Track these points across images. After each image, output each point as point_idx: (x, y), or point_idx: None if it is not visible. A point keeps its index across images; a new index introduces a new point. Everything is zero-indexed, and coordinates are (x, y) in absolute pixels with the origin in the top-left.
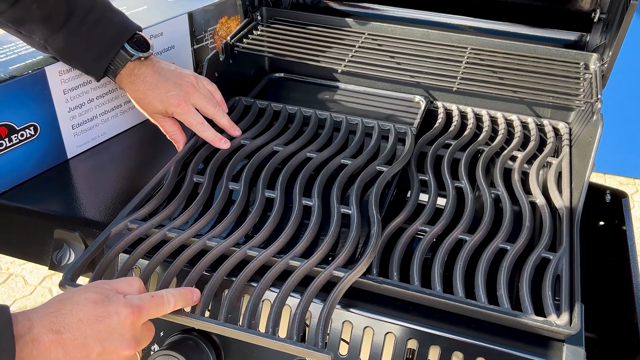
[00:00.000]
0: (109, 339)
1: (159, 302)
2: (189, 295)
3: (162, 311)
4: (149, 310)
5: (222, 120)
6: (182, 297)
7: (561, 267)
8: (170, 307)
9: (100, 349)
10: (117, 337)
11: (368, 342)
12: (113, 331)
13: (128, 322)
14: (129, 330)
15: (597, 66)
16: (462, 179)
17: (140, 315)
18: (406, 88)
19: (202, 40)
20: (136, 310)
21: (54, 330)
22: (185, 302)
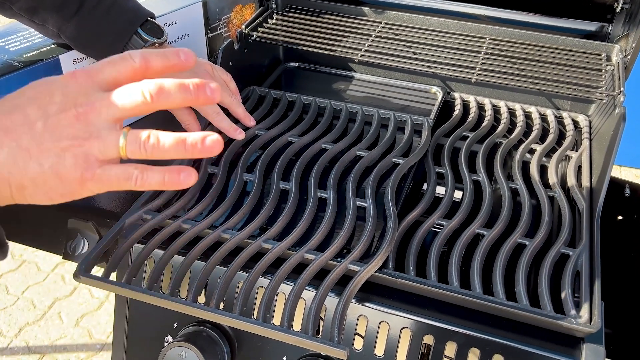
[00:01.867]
0: (51, 101)
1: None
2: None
3: (123, 66)
4: (101, 66)
5: (238, 110)
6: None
7: (581, 263)
8: (137, 61)
9: (40, 113)
10: (60, 97)
11: (383, 337)
12: (54, 93)
13: (71, 80)
14: (74, 88)
15: (620, 58)
16: (479, 172)
17: (88, 72)
18: (423, 79)
19: (217, 29)
20: (81, 69)
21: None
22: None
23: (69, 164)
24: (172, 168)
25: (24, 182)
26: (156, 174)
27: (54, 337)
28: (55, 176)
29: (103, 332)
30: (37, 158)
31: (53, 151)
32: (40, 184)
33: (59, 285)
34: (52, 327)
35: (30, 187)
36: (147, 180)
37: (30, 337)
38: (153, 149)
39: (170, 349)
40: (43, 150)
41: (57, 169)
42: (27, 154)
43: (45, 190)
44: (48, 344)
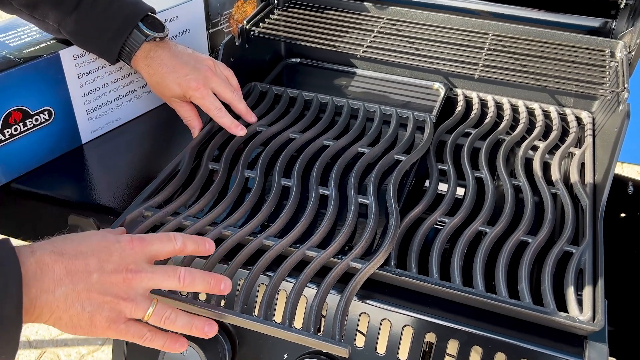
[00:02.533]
0: (109, 259)
1: (165, 237)
2: (202, 241)
3: (168, 246)
4: (152, 241)
5: (240, 106)
6: (192, 241)
7: (584, 261)
8: (178, 244)
9: (98, 266)
10: (117, 258)
11: (385, 335)
12: (113, 252)
13: (128, 246)
14: (129, 254)
15: (624, 54)
16: (482, 168)
17: (142, 243)
18: (425, 75)
19: (218, 24)
20: (137, 238)
21: (55, 252)
22: (196, 246)
23: (104, 315)
24: (172, 336)
25: (63, 316)
26: (160, 339)
27: (55, 332)
28: (89, 320)
29: None
30: (82, 302)
31: (96, 301)
32: (74, 321)
33: None
34: None
35: (65, 320)
36: (152, 342)
37: (31, 332)
38: (168, 325)
39: None
40: (90, 298)
41: (92, 316)
42: (77, 296)
43: (74, 326)
44: (49, 340)
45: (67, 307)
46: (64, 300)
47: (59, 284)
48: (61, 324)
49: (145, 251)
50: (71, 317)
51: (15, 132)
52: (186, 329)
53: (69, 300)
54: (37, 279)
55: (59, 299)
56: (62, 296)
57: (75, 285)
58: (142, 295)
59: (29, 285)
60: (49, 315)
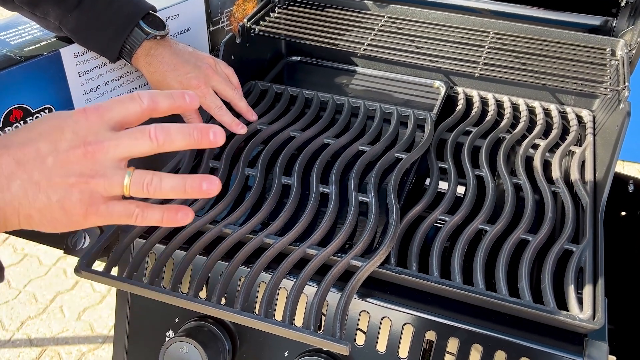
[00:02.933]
0: (62, 137)
1: (126, 97)
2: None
3: (132, 106)
4: (111, 106)
5: (240, 104)
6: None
7: (584, 259)
8: (145, 102)
9: (51, 148)
10: (70, 135)
11: (385, 333)
12: (65, 129)
13: (82, 117)
14: (84, 126)
15: (625, 52)
16: (482, 167)
17: (98, 110)
18: (426, 73)
19: (218, 23)
20: (91, 107)
21: (1, 146)
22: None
23: (75, 199)
24: (170, 207)
25: (32, 213)
26: (155, 213)
27: (55, 330)
28: (61, 209)
29: (105, 325)
30: (46, 191)
31: (61, 186)
32: (46, 215)
33: (60, 279)
34: (54, 320)
35: (36, 218)
36: (146, 218)
37: (32, 330)
38: (155, 191)
39: (172, 344)
40: (52, 185)
41: (63, 203)
42: (37, 187)
43: (50, 221)
44: (50, 338)
45: (30, 201)
46: (24, 195)
47: (11, 178)
48: (36, 223)
49: (105, 119)
50: (41, 212)
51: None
52: (178, 191)
53: (30, 193)
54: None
55: (18, 194)
56: (21, 190)
57: (30, 175)
58: (112, 167)
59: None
60: (15, 216)
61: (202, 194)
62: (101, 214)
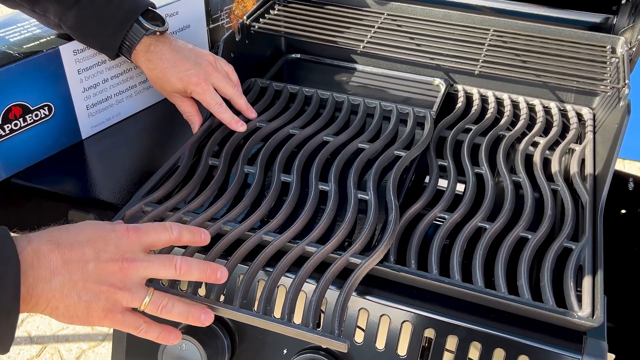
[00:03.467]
0: (105, 248)
1: (160, 227)
2: (197, 231)
3: (164, 235)
4: (148, 230)
5: (240, 102)
6: (189, 231)
7: (583, 257)
8: (174, 234)
9: (94, 256)
10: (113, 248)
11: (384, 330)
12: (109, 242)
13: (124, 235)
14: (125, 243)
15: (625, 50)
16: (482, 164)
17: (138, 232)
18: (426, 70)
19: (218, 20)
20: (133, 227)
21: (52, 242)
22: (192, 236)
23: (100, 304)
24: (166, 328)
25: (60, 306)
26: (155, 331)
27: (56, 328)
28: (85, 309)
29: None
30: (79, 291)
31: (93, 290)
32: (70, 311)
33: None
34: None
35: (62, 311)
36: (147, 333)
37: (32, 327)
38: (166, 313)
39: None
40: (86, 287)
41: (89, 305)
42: (74, 286)
43: (71, 316)
44: (50, 335)
45: (63, 296)
46: (60, 289)
47: (55, 274)
48: (58, 314)
49: (141, 240)
50: (67, 307)
51: (15, 127)
52: (183, 318)
53: (66, 289)
54: (33, 268)
55: (56, 288)
56: (59, 286)
57: (71, 275)
58: (138, 284)
59: (26, 274)
60: (45, 304)
61: (198, 323)
62: (115, 321)
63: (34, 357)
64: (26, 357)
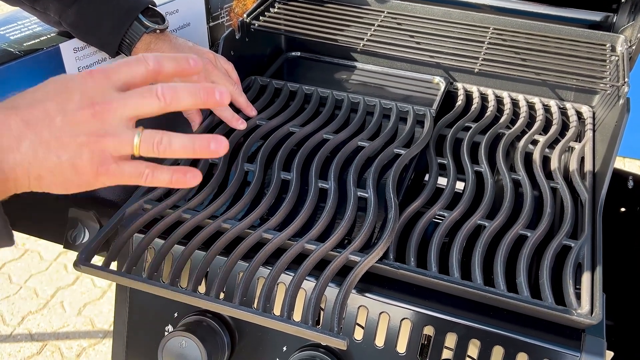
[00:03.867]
0: (69, 98)
1: (132, 60)
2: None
3: (138, 69)
4: (117, 68)
5: (240, 100)
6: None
7: (582, 255)
8: (150, 64)
9: (59, 108)
10: (78, 96)
11: (384, 328)
12: (72, 90)
13: (89, 79)
14: (92, 87)
15: (624, 48)
16: (481, 163)
17: (105, 72)
18: (425, 68)
19: (218, 18)
20: (98, 68)
21: (5, 108)
22: (176, 65)
23: (85, 159)
24: (179, 168)
25: (42, 173)
26: (165, 173)
27: (56, 325)
28: (72, 169)
29: (105, 321)
30: (56, 151)
31: (71, 145)
32: (57, 175)
33: (61, 274)
34: (55, 315)
35: (47, 178)
36: (156, 178)
37: (32, 325)
38: (164, 150)
39: (171, 338)
40: (62, 144)
41: (74, 163)
42: (47, 147)
43: (61, 181)
44: (50, 333)
45: (40, 161)
46: (33, 154)
47: (21, 139)
48: (47, 184)
49: (112, 80)
50: (52, 172)
51: None
52: (187, 150)
53: (40, 153)
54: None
55: (28, 154)
56: (31, 150)
57: (39, 135)
58: (122, 126)
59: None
60: (26, 177)
61: (210, 154)
62: (112, 174)
63: (35, 354)
64: (27, 354)
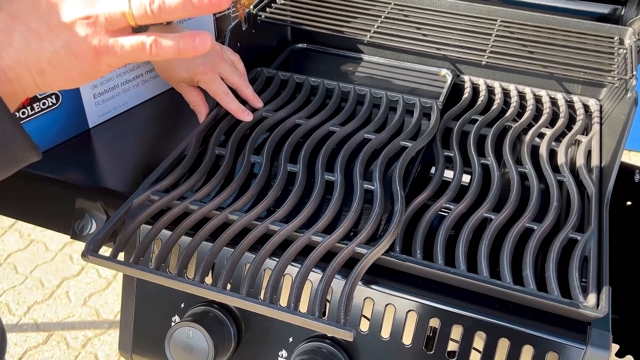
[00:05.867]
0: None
1: None
2: None
3: None
4: None
5: (246, 91)
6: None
7: (589, 248)
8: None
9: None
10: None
11: (389, 320)
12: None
13: None
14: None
15: (633, 41)
16: (488, 155)
17: None
18: (432, 61)
19: (225, 9)
20: None
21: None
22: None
23: (80, 39)
24: (186, 34)
25: (42, 66)
26: (170, 41)
27: (62, 315)
28: (69, 54)
29: (110, 311)
30: (49, 38)
31: (62, 29)
32: (57, 65)
33: (67, 264)
34: (60, 306)
35: (49, 70)
36: (162, 48)
37: (38, 315)
38: (160, 11)
39: (178, 329)
40: (52, 30)
41: (69, 46)
42: (39, 36)
43: (64, 72)
44: (56, 322)
45: (36, 53)
46: (27, 46)
47: (10, 32)
48: (50, 77)
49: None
50: (51, 62)
51: (23, 115)
52: (187, 9)
53: (33, 43)
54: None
55: (21, 47)
56: (23, 43)
57: (28, 25)
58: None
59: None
60: (28, 73)
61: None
62: (112, 51)
63: (40, 344)
64: (32, 344)
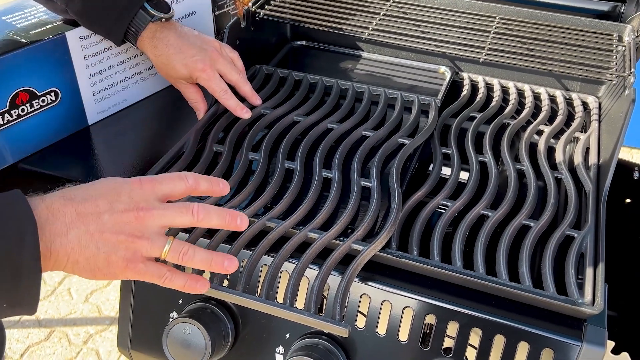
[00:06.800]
0: (118, 199)
1: (175, 176)
2: (215, 181)
3: (179, 185)
4: (162, 180)
5: (245, 88)
6: (206, 180)
7: (585, 245)
8: (189, 182)
9: (108, 207)
10: (126, 198)
11: (386, 316)
12: (122, 193)
13: (137, 186)
14: (139, 193)
15: (632, 38)
16: (486, 153)
17: (152, 182)
18: (431, 58)
19: (224, 7)
20: (146, 178)
21: (64, 197)
22: (209, 185)
23: (120, 254)
24: (193, 276)
25: (79, 259)
26: (181, 279)
27: (63, 312)
28: (105, 260)
29: (112, 308)
30: (97, 243)
31: (111, 240)
32: (91, 264)
33: None
34: (62, 302)
35: (82, 264)
36: (172, 282)
37: (40, 312)
38: (187, 260)
39: (175, 324)
40: (103, 238)
41: (109, 256)
42: (90, 238)
43: (92, 269)
44: (58, 319)
45: (81, 249)
46: (77, 242)
47: (71, 227)
48: (79, 268)
49: (156, 190)
50: (88, 260)
51: (22, 112)
52: (205, 265)
53: (83, 241)
54: (49, 223)
55: (73, 241)
56: (76, 238)
57: (87, 227)
58: (156, 233)
59: (42, 229)
60: (65, 259)
61: (222, 271)
62: (138, 271)
63: (42, 340)
64: (34, 340)
